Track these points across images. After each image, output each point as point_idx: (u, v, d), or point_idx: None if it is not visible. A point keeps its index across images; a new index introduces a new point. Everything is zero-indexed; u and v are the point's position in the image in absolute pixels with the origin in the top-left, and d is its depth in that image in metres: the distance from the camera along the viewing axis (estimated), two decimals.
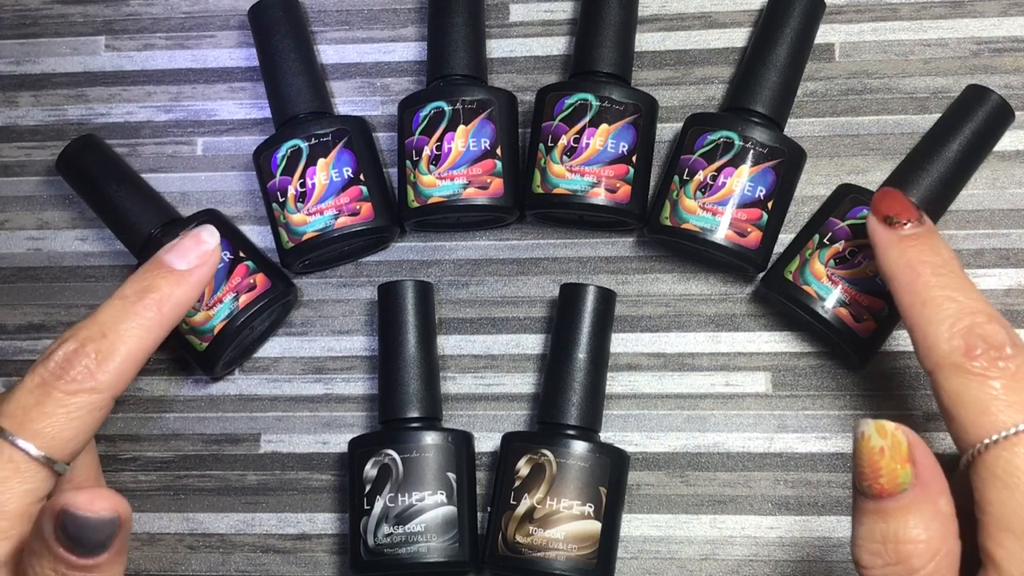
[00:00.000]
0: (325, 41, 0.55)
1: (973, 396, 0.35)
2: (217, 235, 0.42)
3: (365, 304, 0.52)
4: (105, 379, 0.38)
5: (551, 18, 0.54)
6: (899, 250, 0.39)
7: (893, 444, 0.34)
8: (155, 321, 0.39)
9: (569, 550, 0.44)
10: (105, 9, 0.57)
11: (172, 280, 0.40)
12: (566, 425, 0.46)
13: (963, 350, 0.36)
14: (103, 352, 0.38)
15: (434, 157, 0.49)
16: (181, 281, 0.40)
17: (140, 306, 0.39)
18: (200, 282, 0.41)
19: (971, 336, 0.36)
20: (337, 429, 0.51)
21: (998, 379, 0.35)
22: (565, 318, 0.48)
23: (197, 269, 0.41)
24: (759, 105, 0.48)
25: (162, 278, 0.40)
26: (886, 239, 0.40)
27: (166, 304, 0.39)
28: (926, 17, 0.52)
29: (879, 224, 0.40)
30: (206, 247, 0.41)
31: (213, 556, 0.50)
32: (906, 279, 0.38)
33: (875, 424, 0.35)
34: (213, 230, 0.42)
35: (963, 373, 0.35)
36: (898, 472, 0.34)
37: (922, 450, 0.34)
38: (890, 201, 0.40)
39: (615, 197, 0.48)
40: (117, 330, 0.38)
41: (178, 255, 0.40)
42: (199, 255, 0.41)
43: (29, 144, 0.56)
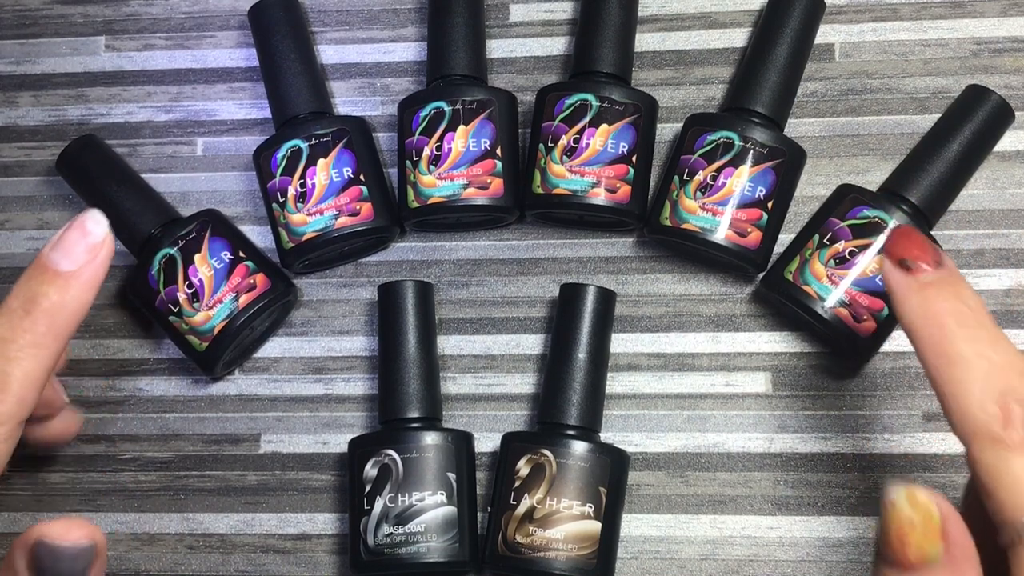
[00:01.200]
0: (325, 41, 0.55)
1: (1012, 472, 0.31)
2: (105, 222, 0.36)
3: (365, 304, 0.52)
4: (6, 409, 0.34)
5: (551, 18, 0.54)
6: (920, 299, 0.34)
7: (925, 517, 0.31)
8: (48, 335, 0.35)
9: (569, 550, 0.44)
10: (105, 9, 0.57)
11: (59, 285, 0.35)
12: (566, 425, 0.46)
13: (1000, 419, 0.31)
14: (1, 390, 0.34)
15: (434, 157, 0.49)
16: (70, 284, 0.35)
17: (28, 321, 0.35)
18: (93, 280, 0.35)
19: (1006, 402, 0.32)
20: (337, 429, 0.51)
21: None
22: (565, 318, 0.48)
23: (87, 267, 0.35)
24: (759, 105, 0.48)
25: (48, 284, 0.35)
26: (904, 287, 0.34)
27: (58, 315, 0.35)
28: (926, 17, 0.52)
29: (895, 269, 0.35)
30: (93, 239, 0.36)
31: (213, 556, 0.50)
32: (929, 334, 0.33)
33: (907, 493, 0.31)
34: (99, 216, 0.36)
35: (1000, 446, 0.31)
36: (927, 548, 0.31)
37: (956, 525, 0.31)
38: (906, 242, 0.35)
39: (615, 197, 0.48)
40: (8, 353, 0.35)
41: (63, 252, 0.35)
42: (87, 249, 0.35)
43: (29, 144, 0.56)
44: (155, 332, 0.52)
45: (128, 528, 0.51)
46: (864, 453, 0.48)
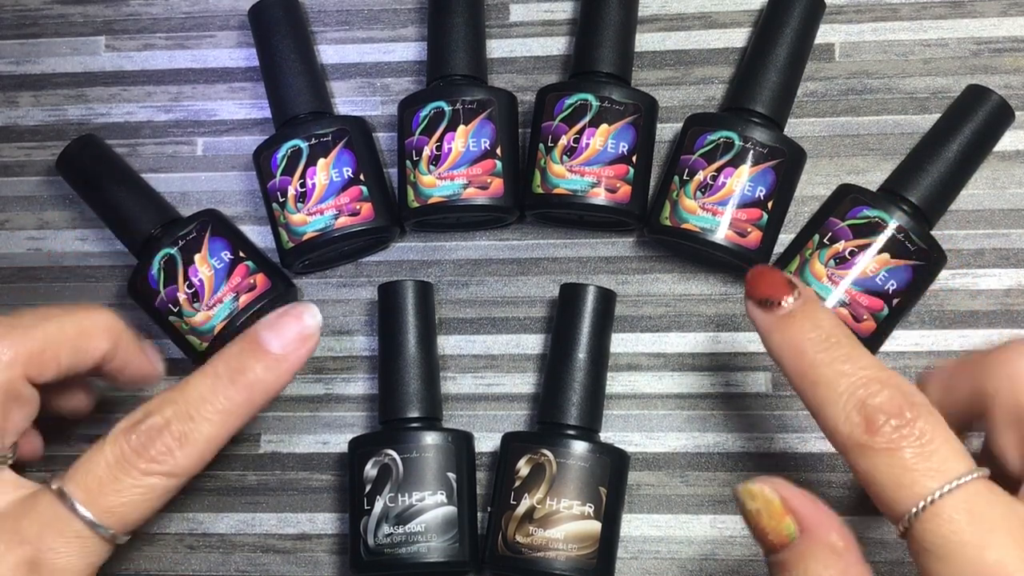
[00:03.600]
0: (325, 41, 0.55)
1: (884, 472, 0.34)
2: (319, 316, 0.39)
3: (365, 304, 0.52)
4: (185, 463, 0.37)
5: (551, 18, 0.54)
6: (780, 333, 0.37)
7: (766, 504, 0.34)
8: (243, 406, 0.37)
9: (569, 550, 0.44)
10: (105, 9, 0.57)
11: (267, 364, 0.38)
12: (566, 425, 0.46)
13: (863, 427, 0.34)
14: (187, 434, 0.37)
15: (434, 157, 0.49)
16: (276, 366, 0.38)
17: (232, 389, 0.37)
18: (295, 367, 0.38)
19: (866, 411, 0.34)
20: (337, 429, 0.51)
21: (905, 448, 0.33)
22: (565, 318, 0.48)
23: (294, 354, 0.38)
24: (759, 105, 0.48)
25: (257, 360, 0.38)
26: (766, 324, 0.37)
27: (257, 389, 0.38)
28: (926, 17, 0.52)
29: (756, 308, 0.38)
30: (307, 330, 0.38)
31: (213, 556, 0.50)
32: (793, 362, 0.36)
33: (743, 489, 0.35)
34: (315, 310, 0.39)
35: (869, 452, 0.34)
36: (781, 527, 0.34)
37: (797, 498, 0.34)
38: (760, 282, 0.38)
39: (615, 197, 0.48)
40: (203, 412, 0.37)
41: (276, 335, 0.38)
42: (298, 338, 0.38)
43: (29, 144, 0.56)
44: (155, 332, 0.52)
45: None
46: None
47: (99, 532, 0.36)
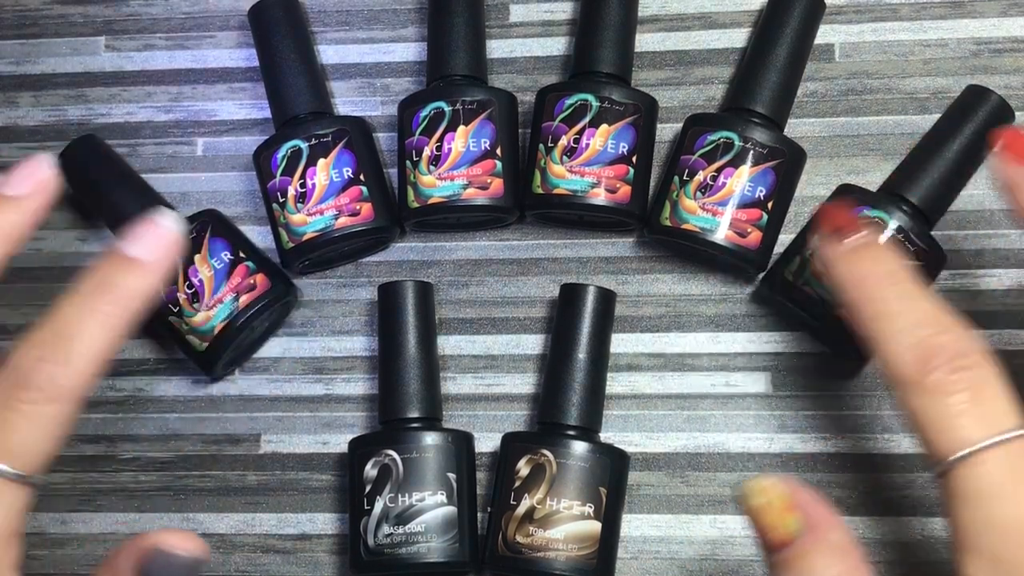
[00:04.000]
0: (325, 41, 0.55)
1: (933, 413, 0.34)
2: (177, 221, 0.38)
3: (365, 304, 0.52)
4: (68, 384, 0.35)
5: (551, 18, 0.54)
6: (846, 264, 0.37)
7: (775, 498, 0.34)
8: (116, 317, 0.36)
9: (569, 550, 0.44)
10: (105, 9, 0.57)
11: (132, 270, 0.37)
12: (566, 425, 0.46)
13: (917, 365, 0.34)
14: (64, 357, 0.35)
15: (434, 157, 0.49)
16: (141, 269, 0.37)
17: (99, 300, 0.36)
18: (162, 269, 0.37)
19: (924, 349, 0.34)
20: (337, 429, 0.51)
21: (956, 392, 0.34)
22: (565, 318, 0.48)
23: (157, 255, 0.37)
24: (759, 105, 0.48)
25: (122, 270, 0.37)
26: (832, 255, 0.38)
27: (128, 296, 0.36)
28: (926, 17, 0.52)
29: (824, 240, 0.38)
30: (167, 234, 0.37)
31: (213, 556, 0.50)
32: (857, 294, 0.37)
33: (752, 485, 0.35)
34: (173, 216, 0.38)
35: (920, 390, 0.34)
36: (787, 522, 0.34)
37: (803, 494, 0.35)
38: (833, 215, 0.39)
39: (615, 197, 0.48)
40: (77, 332, 0.36)
41: (136, 243, 0.37)
42: (158, 242, 0.37)
43: (29, 144, 0.56)
44: (155, 332, 0.52)
45: (128, 528, 0.51)
46: (864, 453, 0.48)
47: (8, 477, 0.35)
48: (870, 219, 0.39)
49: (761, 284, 0.49)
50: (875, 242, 0.38)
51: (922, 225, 0.47)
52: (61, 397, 0.36)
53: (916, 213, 0.47)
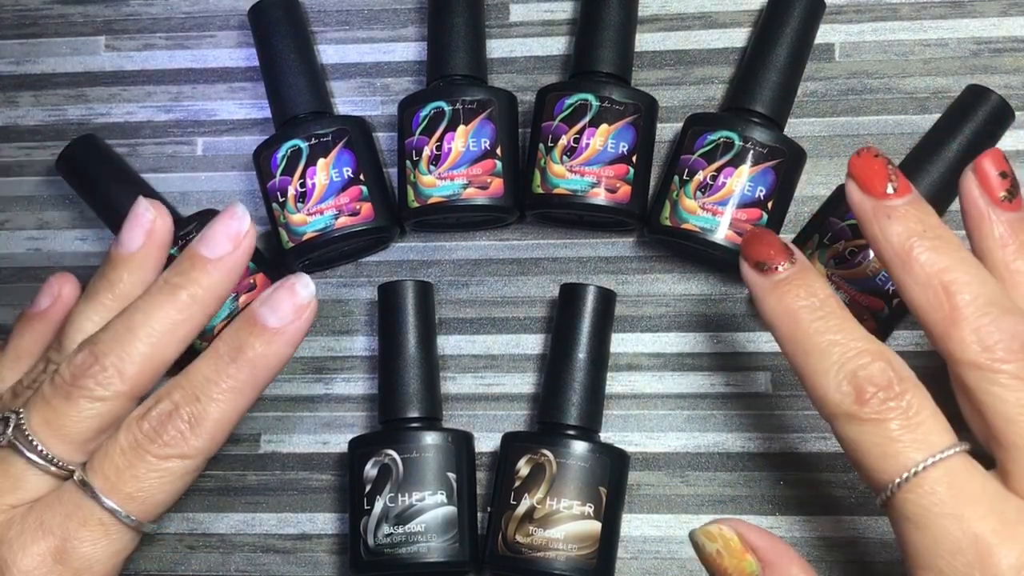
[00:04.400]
0: (325, 41, 0.55)
1: (870, 442, 0.34)
2: (312, 286, 0.39)
3: (365, 304, 0.52)
4: (198, 444, 0.37)
5: (551, 18, 0.54)
6: (775, 297, 0.37)
7: (725, 543, 0.35)
8: (248, 383, 0.38)
9: (569, 550, 0.44)
10: (105, 9, 0.57)
11: (265, 339, 0.38)
12: (566, 425, 0.46)
13: (853, 398, 0.35)
14: (196, 416, 0.37)
15: (434, 157, 0.49)
16: (274, 339, 0.38)
17: (234, 368, 0.38)
18: (295, 338, 0.39)
19: (857, 381, 0.35)
20: (337, 429, 0.51)
21: (892, 420, 0.34)
22: (565, 318, 0.48)
23: (292, 325, 0.38)
24: (759, 105, 0.48)
25: (255, 336, 0.38)
26: (761, 288, 0.38)
27: (260, 364, 0.38)
28: (926, 17, 0.52)
29: (751, 271, 0.38)
30: (300, 300, 0.39)
31: (213, 556, 0.50)
32: (786, 328, 0.37)
33: (701, 532, 0.36)
34: (307, 281, 0.40)
35: (856, 421, 0.35)
36: (743, 565, 0.35)
37: (756, 535, 0.35)
38: (758, 245, 0.38)
39: (615, 197, 0.48)
40: (210, 393, 0.38)
41: (271, 309, 0.39)
42: (294, 309, 0.39)
43: (29, 144, 0.56)
44: None
45: None
46: None
47: (121, 519, 0.37)
48: (788, 245, 0.38)
49: None
50: (800, 273, 0.37)
51: None
52: (187, 455, 0.38)
53: None
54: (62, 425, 0.37)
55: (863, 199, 0.37)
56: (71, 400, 0.37)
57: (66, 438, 0.37)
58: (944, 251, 0.36)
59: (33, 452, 0.37)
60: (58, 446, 0.37)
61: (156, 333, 0.38)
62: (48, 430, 0.37)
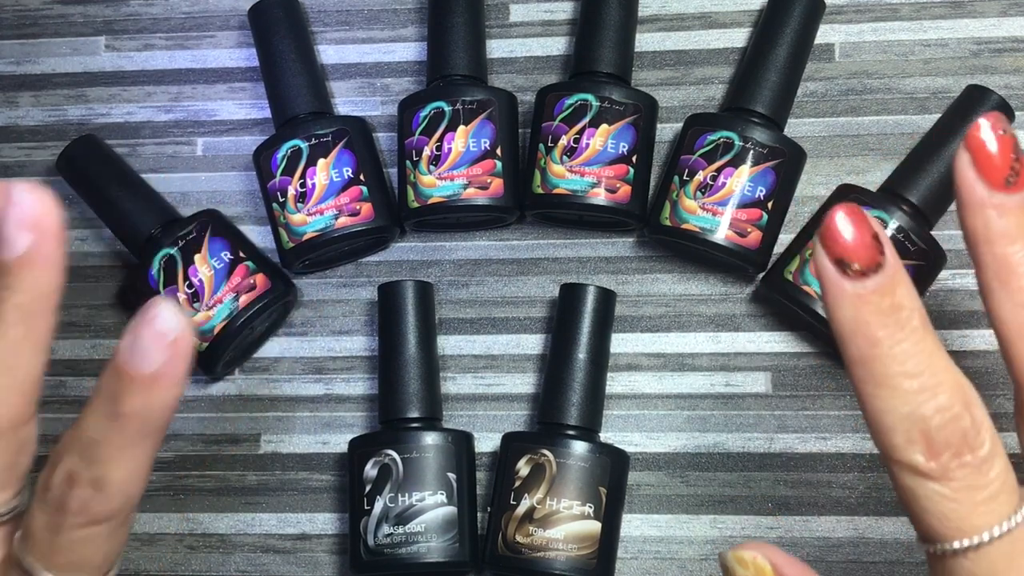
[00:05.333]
0: (325, 41, 0.55)
1: (931, 499, 0.31)
2: (178, 313, 0.32)
3: (365, 304, 0.52)
4: (110, 506, 0.33)
5: (551, 18, 0.54)
6: (853, 307, 0.31)
7: (757, 572, 0.33)
8: (140, 435, 0.33)
9: (569, 550, 0.44)
10: (105, 9, 0.57)
11: (141, 390, 0.32)
12: (566, 425, 0.46)
13: (922, 449, 0.31)
14: (97, 480, 0.33)
15: (434, 157, 0.49)
16: (152, 387, 0.32)
17: (117, 426, 0.33)
18: (176, 378, 0.32)
19: (929, 434, 0.31)
20: (337, 429, 0.51)
21: (960, 480, 0.31)
22: (565, 318, 0.48)
23: (167, 366, 0.32)
24: (759, 105, 0.48)
25: (128, 390, 0.32)
26: (837, 289, 0.31)
27: (145, 417, 0.33)
28: (926, 17, 0.52)
29: (830, 266, 0.31)
30: (168, 336, 0.32)
31: (213, 556, 0.50)
32: (859, 349, 0.31)
33: (734, 556, 0.33)
34: (171, 307, 0.32)
35: (921, 475, 0.31)
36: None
37: (789, 566, 0.33)
38: (848, 239, 0.31)
39: (615, 197, 0.48)
40: (101, 455, 0.33)
41: (139, 355, 0.32)
42: (164, 347, 0.32)
43: (29, 144, 0.56)
44: None
45: None
46: (864, 453, 0.48)
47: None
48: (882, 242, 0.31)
49: (761, 284, 0.49)
50: (889, 282, 0.31)
51: (922, 225, 0.47)
52: (101, 519, 0.34)
53: (916, 213, 0.47)
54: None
55: (976, 184, 0.32)
56: None
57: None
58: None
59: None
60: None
61: (3, 359, 0.32)
62: None
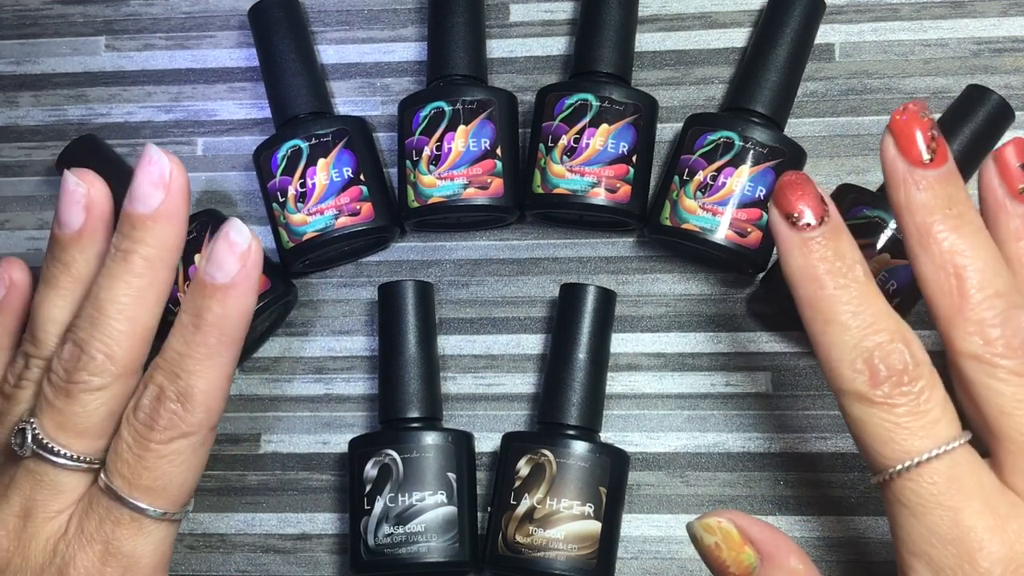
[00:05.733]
0: (325, 41, 0.55)
1: (877, 424, 0.34)
2: (245, 229, 0.38)
3: (365, 304, 0.52)
4: (195, 419, 0.37)
5: (551, 18, 0.54)
6: (802, 255, 0.35)
7: (724, 535, 0.35)
8: (220, 345, 0.37)
9: (569, 550, 0.44)
10: (105, 9, 0.57)
11: (219, 298, 0.37)
12: (566, 425, 0.46)
13: (866, 378, 0.34)
14: (183, 392, 0.37)
15: (434, 157, 0.49)
16: (228, 295, 0.37)
17: (200, 335, 0.37)
18: (249, 286, 0.38)
19: (872, 362, 0.34)
20: (337, 429, 0.51)
21: (901, 405, 0.34)
22: (565, 318, 0.48)
23: (240, 274, 0.37)
24: (759, 105, 0.48)
25: (208, 298, 0.37)
26: (788, 241, 0.36)
27: (224, 324, 0.37)
28: (926, 17, 0.52)
29: (781, 221, 0.36)
30: (240, 248, 0.38)
31: (213, 556, 0.50)
32: (807, 291, 0.35)
33: (699, 524, 0.35)
34: (240, 226, 0.38)
35: (866, 402, 0.34)
36: (741, 557, 0.35)
37: (755, 526, 0.35)
38: (792, 194, 0.36)
39: (615, 197, 0.48)
40: (187, 366, 0.37)
41: (216, 266, 0.38)
42: (237, 259, 0.37)
43: (29, 144, 0.56)
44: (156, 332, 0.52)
45: None
46: None
47: (148, 514, 0.37)
48: (824, 198, 0.36)
49: (761, 284, 0.49)
50: (832, 232, 0.36)
51: None
52: (188, 433, 0.37)
53: None
54: (75, 424, 0.37)
55: (896, 160, 0.36)
56: (73, 398, 0.37)
57: (84, 434, 0.37)
58: (965, 234, 0.35)
59: (59, 457, 0.37)
60: (79, 443, 0.37)
61: (126, 306, 0.37)
62: (63, 432, 0.37)
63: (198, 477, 0.39)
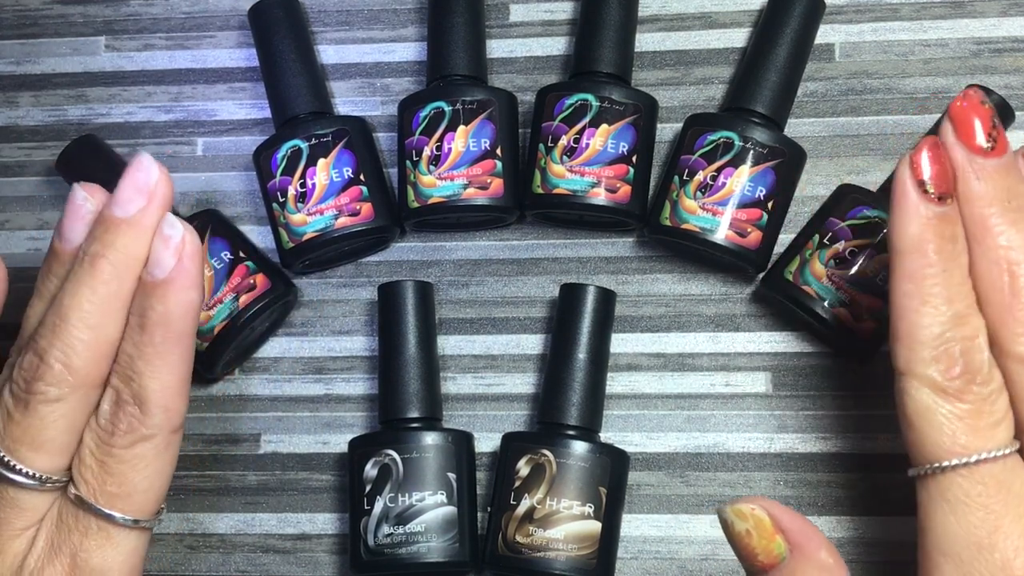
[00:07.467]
0: (325, 41, 0.55)
1: (941, 414, 0.34)
2: (178, 223, 0.37)
3: (365, 304, 0.52)
4: (154, 421, 0.36)
5: (551, 18, 0.54)
6: (920, 226, 0.34)
7: (756, 523, 0.34)
8: (168, 342, 0.36)
9: (569, 550, 0.44)
10: (105, 9, 0.57)
11: (159, 295, 0.36)
12: (566, 425, 0.46)
13: (944, 367, 0.34)
14: (138, 395, 0.36)
15: (434, 157, 0.49)
16: (168, 290, 0.36)
17: (146, 335, 0.36)
18: (188, 279, 0.36)
19: (952, 356, 0.34)
20: (337, 429, 0.51)
21: (969, 403, 0.34)
22: (565, 318, 0.48)
23: (177, 268, 0.36)
24: (759, 105, 0.48)
25: (148, 296, 0.36)
26: (912, 207, 0.34)
27: (168, 320, 0.36)
28: (926, 17, 0.52)
29: (910, 183, 0.35)
30: (173, 241, 0.36)
31: (213, 556, 0.50)
32: (913, 264, 0.34)
33: (732, 510, 0.34)
34: (171, 219, 0.37)
35: (936, 389, 0.34)
36: (772, 547, 0.34)
37: (787, 516, 0.34)
38: (939, 164, 0.35)
39: (615, 197, 0.48)
40: (138, 368, 0.36)
41: (153, 264, 0.36)
42: (173, 254, 0.36)
43: (29, 144, 0.56)
44: None
45: None
46: (864, 453, 0.48)
47: (116, 521, 0.36)
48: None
49: (761, 284, 0.49)
50: (956, 215, 0.35)
51: None
52: (150, 436, 0.36)
53: None
54: (32, 438, 0.36)
55: (956, 147, 0.35)
56: (30, 409, 0.35)
57: (41, 448, 0.36)
58: (1023, 229, 0.34)
59: (18, 475, 0.36)
60: (38, 459, 0.36)
61: (89, 314, 0.36)
62: (22, 446, 0.36)
63: (166, 482, 0.38)
